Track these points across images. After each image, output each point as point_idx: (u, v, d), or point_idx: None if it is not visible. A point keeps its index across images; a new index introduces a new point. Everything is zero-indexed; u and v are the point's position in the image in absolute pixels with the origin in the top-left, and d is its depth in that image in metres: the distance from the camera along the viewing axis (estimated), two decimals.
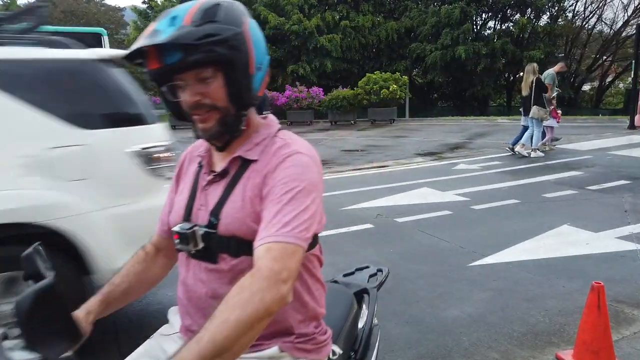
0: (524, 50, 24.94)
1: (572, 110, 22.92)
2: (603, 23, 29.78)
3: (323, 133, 16.40)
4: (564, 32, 27.78)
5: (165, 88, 1.14)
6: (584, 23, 29.34)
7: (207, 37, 1.04)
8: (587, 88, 33.67)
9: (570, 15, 28.88)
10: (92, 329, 1.22)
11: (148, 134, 2.88)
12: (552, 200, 6.30)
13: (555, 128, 10.32)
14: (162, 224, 1.37)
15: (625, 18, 27.60)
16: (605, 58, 29.65)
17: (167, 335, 1.32)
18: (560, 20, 28.07)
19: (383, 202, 6.49)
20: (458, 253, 4.55)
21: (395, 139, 13.76)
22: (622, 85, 32.67)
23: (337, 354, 1.34)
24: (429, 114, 24.06)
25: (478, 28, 27.75)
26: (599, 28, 29.89)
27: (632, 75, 14.60)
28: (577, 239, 4.74)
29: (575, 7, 28.54)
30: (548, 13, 27.10)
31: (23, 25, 2.86)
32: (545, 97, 9.28)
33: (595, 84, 32.95)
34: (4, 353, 0.99)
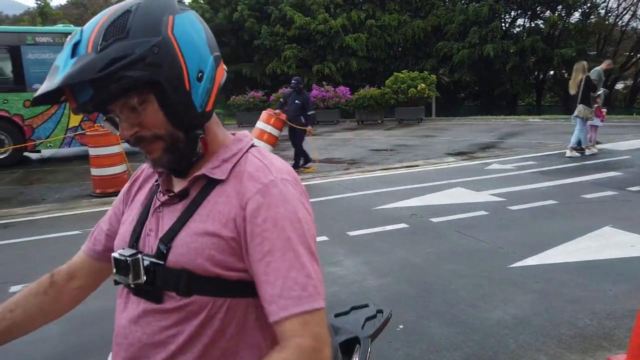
0: (555, 48, 24.41)
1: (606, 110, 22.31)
2: (638, 20, 28.92)
3: (350, 132, 16.37)
4: (597, 29, 27.07)
5: (106, 121, 0.95)
6: (617, 20, 28.55)
7: (113, 63, 0.83)
8: (620, 87, 32.75)
9: (603, 12, 28.15)
10: None
11: None
12: (591, 202, 6.14)
13: (599, 127, 10.10)
14: (93, 242, 1.15)
15: None
16: None
17: None
18: (593, 17, 27.35)
19: (416, 201, 6.44)
20: (497, 254, 4.47)
21: (424, 139, 13.63)
22: None
23: None
24: (456, 113, 23.77)
25: (507, 26, 27.27)
26: (633, 25, 29.06)
27: None
28: (621, 241, 4.61)
29: (608, 4, 27.83)
30: (580, 10, 26.43)
31: None
32: (591, 95, 9.07)
33: (629, 83, 32.01)
34: None
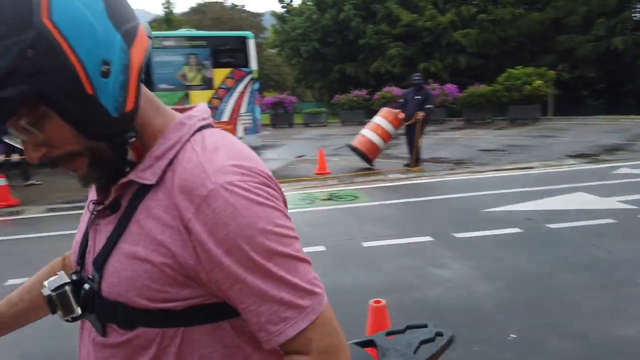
0: None
1: None
2: None
3: (457, 132, 15.76)
4: None
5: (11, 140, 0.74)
6: None
7: None
8: None
9: None
10: None
11: None
12: None
13: None
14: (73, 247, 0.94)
15: None
16: None
17: None
18: None
19: (531, 205, 5.99)
20: (628, 267, 4.00)
21: (540, 139, 12.69)
22: None
23: None
24: (577, 113, 21.81)
25: (639, 16, 24.43)
26: None
27: None
28: None
29: None
30: None
31: None
32: None
33: None
34: None
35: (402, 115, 9.02)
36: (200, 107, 0.86)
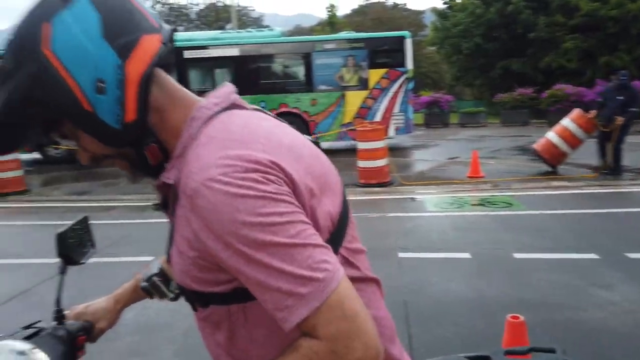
0: None
1: None
2: None
3: None
4: None
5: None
6: None
7: (3, 109, 0.75)
8: None
9: None
10: (117, 319, 1.18)
11: None
12: None
13: None
14: None
15: None
16: None
17: None
18: None
19: None
20: None
21: None
22: None
23: None
24: None
25: None
26: None
27: None
28: None
29: None
30: None
31: None
32: None
33: None
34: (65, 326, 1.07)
35: (592, 115, 8.06)
36: (222, 90, 0.87)
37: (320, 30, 33.31)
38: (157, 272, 0.92)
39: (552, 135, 8.51)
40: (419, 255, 4.61)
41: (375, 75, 12.47)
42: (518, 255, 4.52)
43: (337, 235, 0.82)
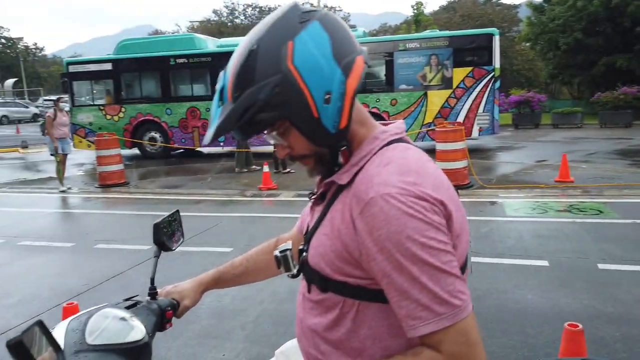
0: None
1: None
2: None
3: None
4: None
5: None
6: None
7: (245, 112, 0.88)
8: None
9: None
10: (198, 299, 1.32)
11: None
12: None
13: None
14: (299, 224, 1.28)
15: None
16: None
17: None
18: None
19: None
20: None
21: None
22: None
23: None
24: None
25: None
26: None
27: None
28: None
29: None
30: None
31: None
32: None
33: None
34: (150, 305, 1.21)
35: None
36: (397, 123, 1.03)
37: (406, 29, 32.83)
38: (290, 247, 1.08)
39: None
40: (491, 261, 4.47)
41: (460, 74, 12.11)
42: (603, 266, 4.23)
43: (462, 270, 0.92)
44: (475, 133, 12.29)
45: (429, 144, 12.74)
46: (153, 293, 1.25)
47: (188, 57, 13.33)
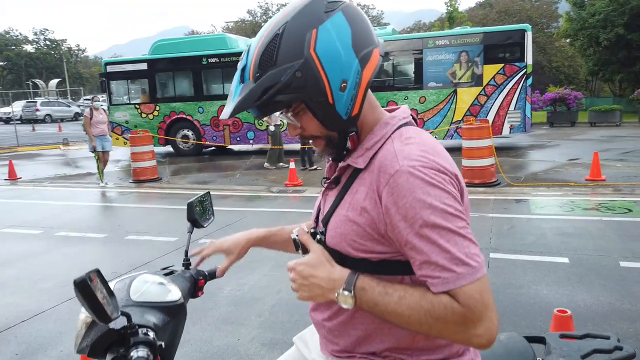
0: None
1: None
2: None
3: None
4: None
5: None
6: None
7: (266, 92, 0.94)
8: None
9: None
10: (243, 254, 1.41)
11: None
12: None
13: None
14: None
15: None
16: None
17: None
18: None
19: None
20: None
21: None
22: None
23: None
24: None
25: None
26: None
27: None
28: None
29: None
30: None
31: None
32: None
33: None
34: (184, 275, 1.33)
35: None
36: (403, 108, 1.10)
37: (439, 26, 32.40)
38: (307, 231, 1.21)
39: None
40: (510, 257, 4.44)
41: (491, 71, 11.93)
42: (625, 264, 4.15)
43: None
44: (507, 131, 12.08)
45: (458, 142, 12.64)
46: (187, 264, 1.38)
47: (219, 56, 13.63)
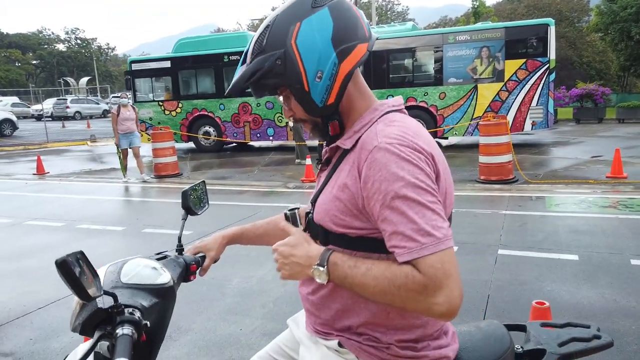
0: None
1: None
2: None
3: None
4: None
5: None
6: None
7: (253, 74, 1.07)
8: None
9: None
10: (222, 251, 1.49)
11: None
12: None
13: None
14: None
15: None
16: None
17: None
18: None
19: None
20: None
21: None
22: None
23: None
24: None
25: None
26: None
27: None
28: None
29: None
30: None
31: None
32: None
33: None
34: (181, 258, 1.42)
35: None
36: (396, 98, 1.18)
37: (464, 22, 31.90)
38: (299, 207, 1.33)
39: None
40: (519, 253, 4.41)
41: (512, 66, 11.71)
42: (636, 262, 4.07)
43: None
44: (528, 127, 11.85)
45: (478, 139, 12.47)
46: (180, 249, 1.46)
47: (241, 54, 13.73)
